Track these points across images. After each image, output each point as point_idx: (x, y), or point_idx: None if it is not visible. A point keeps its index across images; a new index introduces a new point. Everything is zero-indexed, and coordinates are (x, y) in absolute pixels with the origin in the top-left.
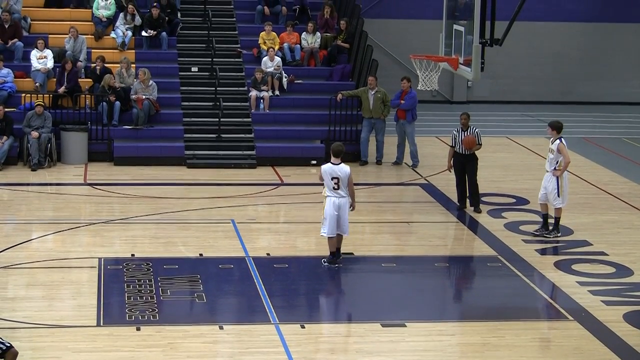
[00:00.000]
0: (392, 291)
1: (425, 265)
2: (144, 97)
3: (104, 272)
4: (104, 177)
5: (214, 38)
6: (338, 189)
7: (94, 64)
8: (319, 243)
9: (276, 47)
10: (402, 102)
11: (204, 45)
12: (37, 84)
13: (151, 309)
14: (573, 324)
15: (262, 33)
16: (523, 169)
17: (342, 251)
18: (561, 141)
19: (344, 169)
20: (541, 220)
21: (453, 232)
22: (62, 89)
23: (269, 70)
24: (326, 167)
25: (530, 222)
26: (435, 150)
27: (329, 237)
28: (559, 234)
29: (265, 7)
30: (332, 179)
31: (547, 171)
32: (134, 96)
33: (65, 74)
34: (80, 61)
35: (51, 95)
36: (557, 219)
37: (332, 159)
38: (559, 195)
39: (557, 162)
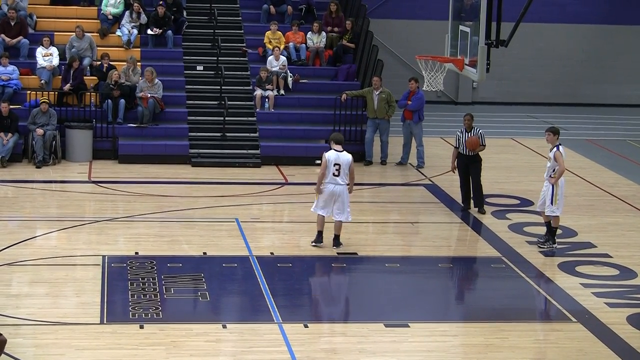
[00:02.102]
0: (395, 291)
1: (428, 265)
2: (149, 95)
3: (108, 270)
4: (109, 174)
5: (220, 37)
6: (338, 175)
7: (99, 62)
8: (323, 243)
9: (281, 47)
10: (409, 102)
11: (210, 44)
12: (42, 82)
13: (155, 307)
14: (576, 326)
15: (267, 32)
16: (527, 171)
17: (346, 251)
18: (558, 149)
19: (346, 156)
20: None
21: (457, 233)
22: (67, 87)
23: (274, 69)
24: (330, 154)
25: (534, 224)
26: (440, 151)
27: (318, 215)
28: (554, 245)
29: (271, 6)
30: (334, 165)
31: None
32: (139, 94)
33: (72, 71)
34: (95, 60)
35: (56, 93)
36: (554, 230)
37: (335, 147)
38: (552, 203)
39: (553, 170)
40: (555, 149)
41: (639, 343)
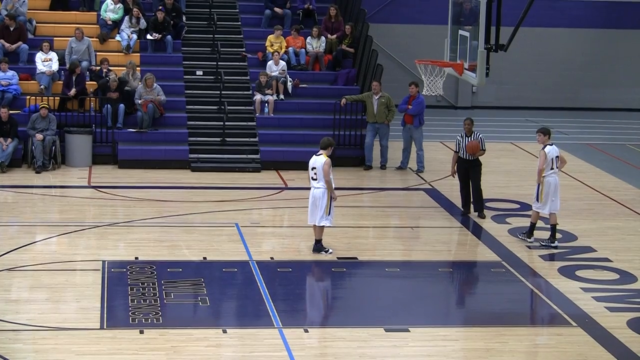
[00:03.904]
0: (395, 296)
1: (429, 270)
2: (151, 98)
3: (108, 275)
4: (108, 179)
5: (219, 42)
6: (316, 179)
7: (99, 67)
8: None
9: (281, 51)
10: (410, 107)
11: (209, 48)
12: (42, 87)
13: (155, 312)
14: (577, 330)
15: (270, 36)
16: (527, 175)
17: (346, 256)
18: (544, 148)
19: (321, 159)
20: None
21: (457, 237)
22: (72, 92)
23: (273, 74)
24: (311, 159)
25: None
26: (440, 156)
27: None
28: (528, 239)
29: (276, 9)
30: (312, 169)
31: None
32: (139, 101)
33: (74, 77)
34: (94, 65)
35: (57, 98)
36: (532, 224)
37: (320, 152)
38: (537, 200)
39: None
40: (543, 148)
41: (639, 347)
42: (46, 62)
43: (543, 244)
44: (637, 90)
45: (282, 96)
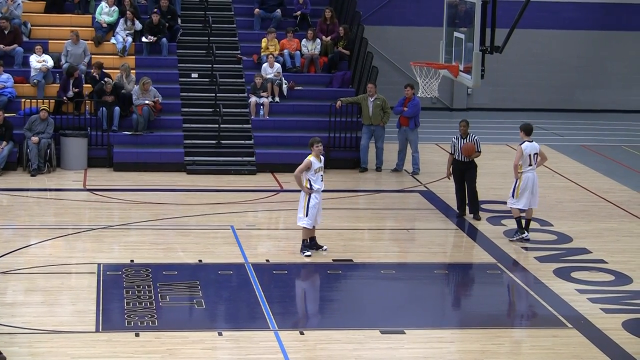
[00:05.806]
0: (391, 298)
1: (424, 272)
2: (147, 101)
3: (103, 278)
4: (104, 182)
5: (214, 44)
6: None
7: (93, 70)
8: (323, 248)
9: (275, 53)
10: (405, 109)
11: (204, 51)
12: (34, 81)
13: (150, 314)
14: (572, 332)
15: (264, 39)
16: None
17: (341, 258)
18: (521, 144)
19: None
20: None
21: (452, 239)
22: (72, 90)
23: (268, 76)
24: None
25: (530, 230)
26: (435, 158)
27: None
28: (522, 235)
29: (256, 10)
30: None
31: None
32: (138, 102)
33: (71, 81)
34: (89, 69)
35: (52, 101)
36: (517, 220)
37: None
38: (513, 196)
39: (529, 165)
40: (521, 144)
41: (634, 349)
42: (40, 63)
43: (513, 239)
44: (631, 92)
45: (277, 98)
